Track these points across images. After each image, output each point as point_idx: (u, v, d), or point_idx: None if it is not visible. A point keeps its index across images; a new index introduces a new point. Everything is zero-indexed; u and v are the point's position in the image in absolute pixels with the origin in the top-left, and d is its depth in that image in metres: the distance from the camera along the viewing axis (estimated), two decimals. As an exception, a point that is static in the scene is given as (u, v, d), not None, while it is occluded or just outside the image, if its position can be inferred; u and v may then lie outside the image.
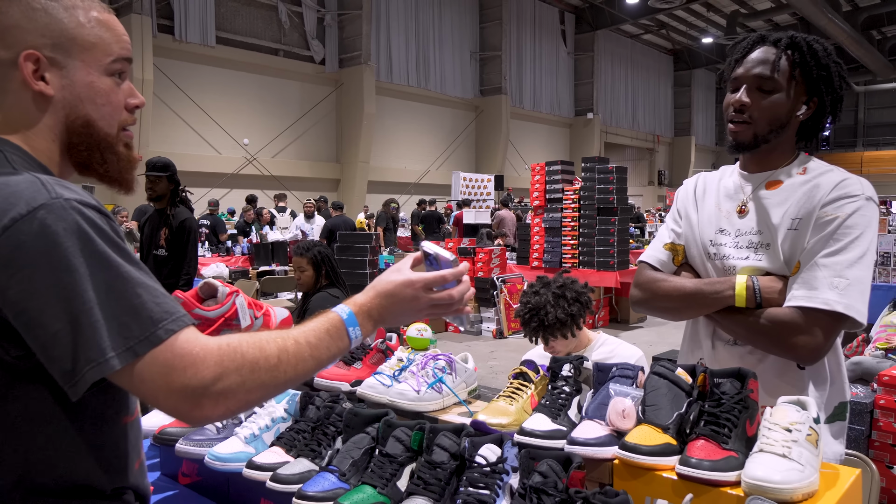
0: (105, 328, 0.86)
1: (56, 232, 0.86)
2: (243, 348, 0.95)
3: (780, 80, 1.58)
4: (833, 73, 1.60)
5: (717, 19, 26.85)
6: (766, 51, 1.61)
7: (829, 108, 1.62)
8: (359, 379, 1.83)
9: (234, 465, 1.58)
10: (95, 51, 1.03)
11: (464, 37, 23.26)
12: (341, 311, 1.09)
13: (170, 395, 0.89)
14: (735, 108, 1.62)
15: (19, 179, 0.90)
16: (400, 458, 1.39)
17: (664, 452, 1.26)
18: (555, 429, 1.41)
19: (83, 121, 1.03)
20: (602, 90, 28.41)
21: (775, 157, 1.67)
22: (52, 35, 0.99)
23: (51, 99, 1.01)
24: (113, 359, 0.86)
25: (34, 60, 0.98)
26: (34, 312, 0.85)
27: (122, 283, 0.89)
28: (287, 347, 0.99)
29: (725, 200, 1.73)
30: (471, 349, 7.87)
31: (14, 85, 0.99)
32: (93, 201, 0.93)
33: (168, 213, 4.72)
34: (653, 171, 33.07)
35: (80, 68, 1.02)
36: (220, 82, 16.92)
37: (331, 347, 1.06)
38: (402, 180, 21.42)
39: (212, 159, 16.63)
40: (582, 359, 1.58)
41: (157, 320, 0.90)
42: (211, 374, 0.90)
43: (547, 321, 2.42)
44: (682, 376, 1.39)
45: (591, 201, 9.15)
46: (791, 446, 1.18)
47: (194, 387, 0.89)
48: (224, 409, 0.92)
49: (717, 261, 1.70)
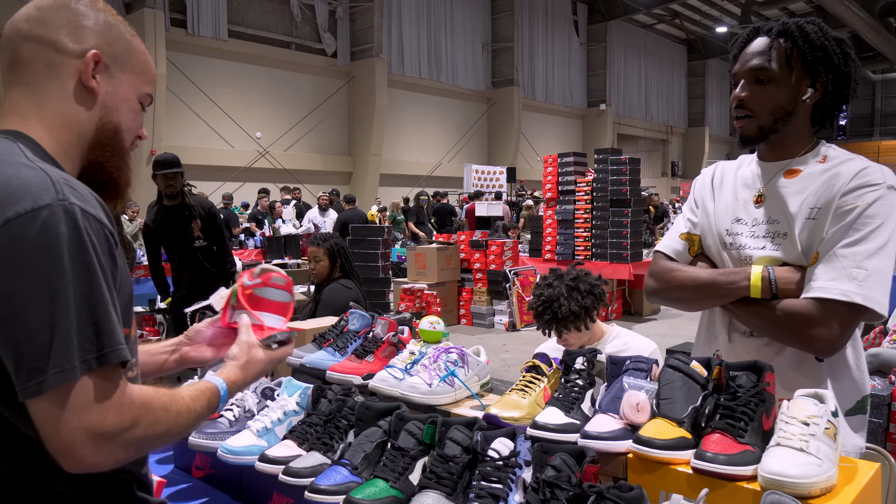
0: (77, 338, 0.89)
1: (56, 234, 0.89)
2: (155, 406, 1.00)
3: (776, 69, 1.56)
4: (831, 51, 1.56)
5: (732, 8, 26.56)
6: (759, 42, 1.59)
7: (833, 87, 1.58)
8: (371, 372, 1.82)
9: (247, 458, 1.58)
10: (141, 77, 1.16)
11: (475, 28, 23.16)
12: (220, 386, 1.17)
13: (77, 430, 0.89)
14: (736, 104, 1.61)
15: (30, 174, 0.93)
16: (412, 452, 1.38)
17: (679, 446, 1.25)
18: (568, 422, 1.40)
19: (114, 126, 1.12)
20: (615, 81, 28.22)
21: (791, 144, 1.63)
22: (116, 48, 1.11)
23: (96, 98, 1.09)
24: (78, 367, 0.88)
25: (97, 60, 1.08)
26: (17, 308, 0.87)
27: (97, 298, 0.92)
28: (182, 411, 1.05)
29: (742, 189, 1.70)
30: (483, 342, 7.87)
31: (66, 73, 1.06)
32: (93, 209, 0.95)
33: (192, 205, 4.85)
34: (666, 163, 32.84)
35: (125, 84, 1.14)
36: (232, 76, 16.96)
37: (205, 414, 1.13)
38: (414, 173, 21.41)
39: (224, 153, 16.69)
40: (595, 352, 1.56)
41: (113, 342, 0.93)
42: (128, 421, 0.94)
43: (560, 314, 2.40)
44: (696, 369, 1.37)
45: (604, 193, 9.09)
46: (809, 440, 1.16)
47: (106, 431, 0.91)
48: (115, 460, 0.94)
49: (733, 250, 1.67)
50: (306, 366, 1.93)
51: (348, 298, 3.72)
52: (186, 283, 4.88)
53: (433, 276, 8.83)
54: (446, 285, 9.01)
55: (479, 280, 9.05)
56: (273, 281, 1.37)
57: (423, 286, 8.54)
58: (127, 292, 1.07)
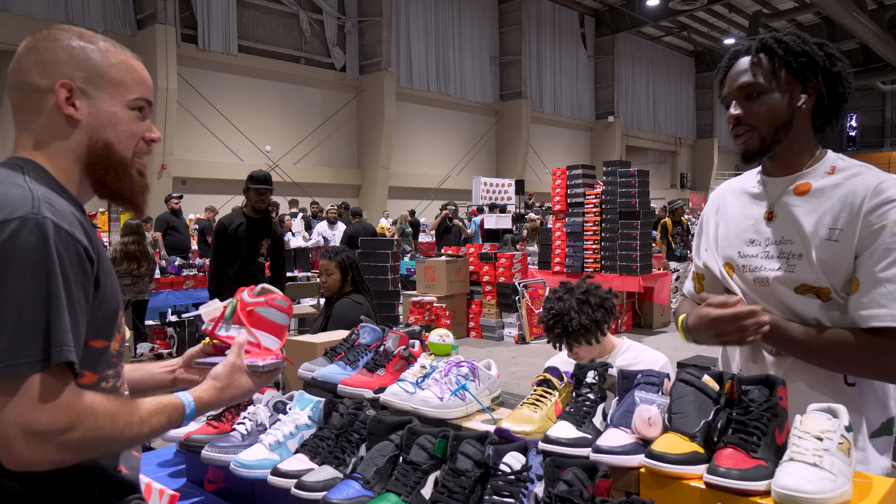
0: (26, 338, 0.94)
1: (20, 242, 0.96)
2: (98, 413, 1.02)
3: (764, 82, 1.56)
4: (813, 54, 1.56)
5: (740, 20, 26.59)
6: (742, 62, 1.60)
7: (826, 88, 1.57)
8: (382, 386, 1.82)
9: (260, 472, 1.59)
10: (120, 87, 1.19)
11: (483, 42, 23.29)
12: (186, 404, 1.20)
13: (11, 425, 0.93)
14: (733, 124, 1.61)
15: (16, 192, 1.02)
16: (424, 466, 1.38)
17: (691, 461, 1.24)
18: (580, 436, 1.40)
19: (104, 143, 1.17)
20: (623, 93, 28.26)
21: (796, 156, 1.61)
22: (86, 69, 1.15)
23: (78, 123, 1.15)
24: (23, 365, 0.94)
25: (68, 89, 1.14)
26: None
27: (55, 304, 0.97)
28: (132, 422, 1.08)
29: (751, 207, 1.69)
30: (492, 355, 7.85)
31: (47, 109, 1.14)
32: (67, 225, 1.02)
33: (271, 225, 5.23)
34: (675, 174, 32.79)
35: (106, 100, 1.18)
36: (242, 90, 17.11)
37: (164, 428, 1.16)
38: (422, 185, 21.47)
39: (234, 166, 16.80)
40: (606, 366, 1.56)
41: (59, 343, 0.97)
42: (63, 423, 0.97)
43: (571, 327, 2.40)
44: (708, 383, 1.37)
45: (613, 205, 9.09)
46: (822, 455, 1.16)
47: (40, 430, 0.94)
48: (51, 461, 0.97)
49: (746, 272, 1.65)
50: (318, 379, 1.94)
51: (359, 314, 3.72)
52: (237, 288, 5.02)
53: (442, 288, 8.84)
54: (456, 298, 9.01)
55: (489, 293, 9.05)
56: (276, 303, 1.39)
57: (433, 299, 8.55)
58: (111, 307, 1.13)
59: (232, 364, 1.29)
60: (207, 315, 1.40)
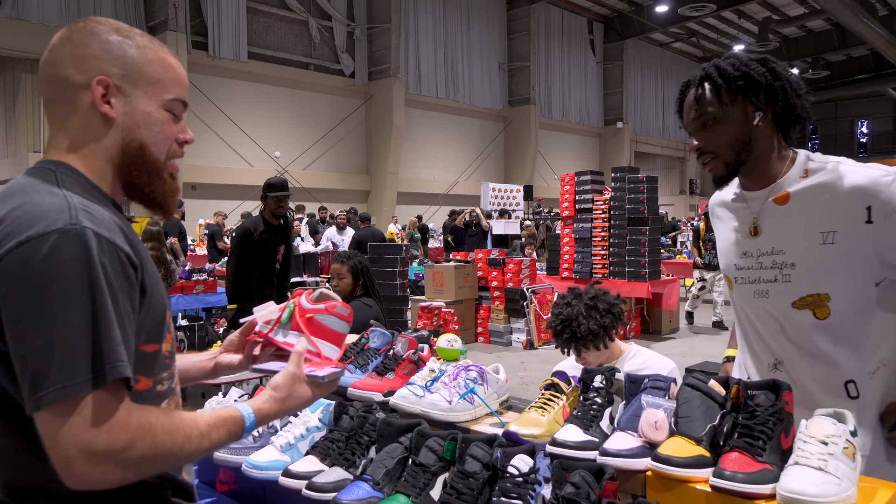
0: (79, 356, 0.91)
1: (62, 256, 0.93)
2: (156, 429, 0.99)
3: (713, 109, 1.58)
4: (752, 73, 1.56)
5: (749, 26, 26.54)
6: (690, 95, 1.63)
7: (769, 103, 1.57)
8: (391, 389, 1.85)
9: (271, 473, 1.61)
10: (157, 86, 1.14)
11: (492, 48, 23.35)
12: (246, 416, 1.15)
13: (71, 447, 0.91)
14: (697, 155, 1.65)
15: (52, 201, 0.98)
16: (433, 468, 1.40)
17: (697, 464, 1.26)
18: (587, 440, 1.41)
19: (138, 144, 1.13)
20: (631, 99, 28.24)
21: (767, 169, 1.62)
22: (123, 66, 1.11)
23: (113, 121, 1.11)
24: (79, 385, 0.91)
25: (104, 86, 1.09)
26: (22, 325, 0.91)
27: (104, 317, 0.94)
28: (191, 437, 1.04)
29: (738, 221, 1.71)
30: (501, 360, 7.85)
31: (82, 106, 1.09)
32: (107, 233, 0.98)
33: (289, 231, 5.31)
34: (684, 180, 32.71)
35: (142, 98, 1.13)
36: (252, 96, 17.23)
37: (223, 442, 1.12)
38: (431, 191, 21.51)
39: (244, 172, 16.90)
40: (614, 370, 1.58)
41: (113, 359, 0.94)
42: (121, 442, 0.94)
43: (579, 332, 2.41)
44: (715, 388, 1.38)
45: (622, 211, 9.09)
46: (827, 459, 1.17)
47: (99, 450, 0.92)
48: (113, 480, 0.95)
49: (746, 285, 1.69)
50: (328, 383, 1.96)
51: (369, 317, 3.75)
52: (258, 295, 5.11)
53: (451, 293, 8.86)
54: (464, 303, 9.02)
55: (497, 298, 9.06)
56: (336, 310, 1.35)
57: (441, 304, 8.56)
58: (159, 310, 1.10)
59: (292, 374, 1.23)
60: (262, 317, 1.37)
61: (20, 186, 1.04)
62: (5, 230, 0.95)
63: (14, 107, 14.54)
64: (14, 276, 0.92)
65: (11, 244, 0.93)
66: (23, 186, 1.03)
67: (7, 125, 15.01)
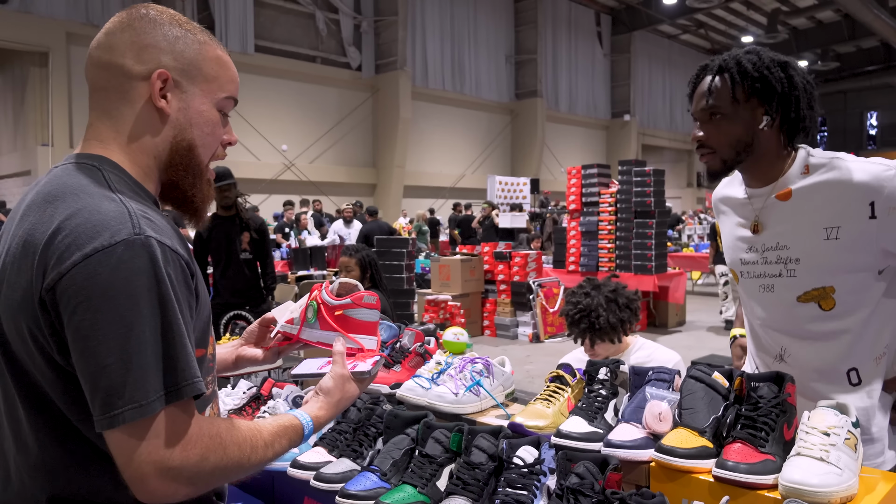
0: (153, 372, 0.90)
1: (130, 269, 0.90)
2: (226, 442, 0.99)
3: (723, 105, 1.57)
4: (772, 78, 1.55)
5: (758, 17, 26.34)
6: (706, 81, 1.61)
7: (783, 110, 1.56)
8: (398, 381, 1.87)
9: (279, 464, 1.63)
10: (214, 84, 1.11)
11: (499, 40, 23.27)
12: (305, 424, 1.16)
13: (146, 464, 0.91)
14: (697, 145, 1.64)
15: (110, 208, 0.95)
16: (439, 459, 1.42)
17: (701, 455, 1.27)
18: (591, 431, 1.43)
19: (188, 143, 1.10)
20: (639, 91, 28.12)
21: (768, 167, 1.62)
22: (183, 61, 1.08)
23: (167, 117, 1.08)
24: (154, 402, 0.90)
25: (163, 80, 1.06)
26: (92, 342, 0.89)
27: (175, 331, 0.93)
28: (257, 448, 1.04)
29: (742, 216, 1.72)
30: (507, 353, 7.87)
31: (137, 98, 1.06)
32: (169, 241, 0.97)
33: (245, 218, 5.00)
34: (691, 173, 32.57)
35: (198, 96, 1.10)
36: (258, 90, 17.23)
37: (284, 451, 1.12)
38: (437, 184, 21.51)
39: (251, 165, 16.94)
40: (618, 362, 1.59)
41: (188, 375, 0.94)
42: (196, 457, 0.94)
43: (598, 324, 2.42)
44: (718, 380, 1.39)
45: (629, 204, 9.08)
46: (829, 450, 1.19)
47: (174, 466, 0.92)
48: (185, 494, 0.95)
49: (751, 279, 1.70)
50: (335, 375, 1.98)
51: (376, 310, 3.77)
52: (227, 292, 4.99)
53: (457, 287, 8.87)
54: (470, 296, 9.04)
55: (503, 291, 9.07)
56: (365, 301, 1.34)
57: (448, 297, 8.58)
58: (206, 314, 1.10)
59: (340, 376, 1.23)
60: (282, 317, 1.37)
61: (69, 188, 0.99)
62: (66, 241, 0.92)
63: (23, 100, 14.59)
64: (82, 290, 0.89)
65: (76, 257, 0.90)
66: (72, 188, 0.99)
67: (16, 118, 15.07)
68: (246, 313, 4.61)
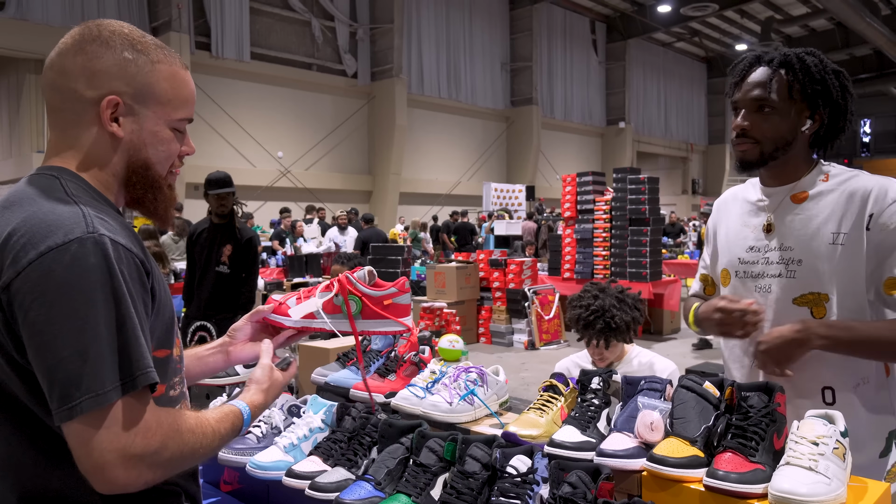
0: (108, 363, 0.93)
1: (84, 265, 0.93)
2: (182, 429, 1.03)
3: (777, 100, 1.60)
4: (830, 85, 1.59)
5: (752, 26, 26.51)
6: (761, 72, 1.63)
7: (828, 119, 1.61)
8: (393, 391, 1.88)
9: (275, 473, 1.64)
10: (167, 106, 1.13)
11: (494, 48, 23.35)
12: (243, 409, 1.19)
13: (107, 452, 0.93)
14: (738, 133, 1.65)
15: (65, 210, 0.98)
16: (433, 468, 1.43)
17: (692, 464, 1.28)
18: (584, 440, 1.44)
19: (143, 163, 1.13)
20: (634, 99, 28.23)
21: (792, 170, 1.67)
22: (135, 85, 1.09)
23: (120, 140, 1.10)
24: (111, 392, 0.93)
25: (114, 105, 1.08)
26: (48, 336, 0.92)
27: (129, 325, 0.96)
28: (207, 434, 1.08)
29: (750, 216, 1.74)
30: (502, 361, 7.88)
31: (89, 120, 1.08)
32: (123, 240, 1.00)
33: (236, 229, 4.72)
34: (686, 180, 32.69)
35: (151, 118, 1.12)
36: (254, 97, 17.25)
37: (229, 437, 1.16)
38: (433, 191, 21.53)
39: (246, 172, 16.92)
40: (611, 372, 1.61)
41: (142, 366, 0.97)
42: (156, 443, 0.97)
43: (614, 324, 2.44)
44: (709, 390, 1.41)
45: (623, 212, 9.11)
46: (818, 459, 1.20)
47: (135, 453, 0.95)
48: (145, 481, 0.97)
49: (747, 279, 1.72)
50: (330, 384, 2.00)
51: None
52: (201, 301, 4.76)
53: (452, 294, 8.89)
54: (465, 304, 9.05)
55: (499, 299, 9.09)
56: (406, 286, 1.48)
57: (443, 305, 8.59)
58: (168, 315, 1.12)
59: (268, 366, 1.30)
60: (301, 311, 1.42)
61: (25, 194, 1.03)
62: (21, 241, 0.95)
63: (18, 107, 14.59)
64: (37, 287, 0.92)
65: (31, 255, 0.93)
66: (28, 194, 1.02)
67: (11, 126, 15.06)
68: (210, 325, 4.47)
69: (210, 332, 4.38)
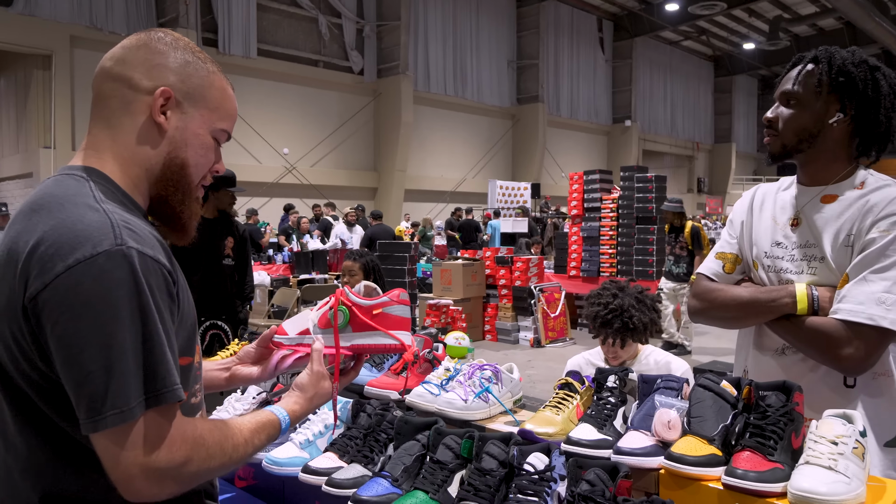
0: (134, 379, 0.93)
1: (111, 279, 0.93)
2: (208, 442, 1.03)
3: (802, 93, 1.63)
4: (857, 77, 1.59)
5: (760, 24, 26.41)
6: (797, 69, 1.67)
7: (857, 112, 1.60)
8: (407, 388, 1.88)
9: (290, 469, 1.65)
10: (214, 113, 1.17)
11: (501, 46, 23.33)
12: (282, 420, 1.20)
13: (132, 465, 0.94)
14: (765, 125, 1.70)
15: (93, 219, 0.97)
16: (450, 465, 1.43)
17: (710, 463, 1.29)
18: (601, 438, 1.45)
19: (181, 161, 1.15)
20: (640, 97, 28.18)
21: (823, 168, 1.67)
22: (189, 84, 1.13)
23: (165, 133, 1.12)
24: (135, 408, 0.93)
25: (166, 97, 1.11)
26: (75, 350, 0.92)
27: (155, 340, 0.96)
28: (238, 445, 1.09)
29: (781, 212, 1.75)
30: (508, 358, 7.86)
31: (137, 110, 1.11)
32: (150, 250, 0.99)
33: (232, 221, 4.83)
34: (692, 179, 32.64)
35: (197, 119, 1.15)
36: (261, 93, 17.27)
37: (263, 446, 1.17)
38: (438, 189, 21.53)
39: (252, 168, 16.95)
40: (627, 371, 1.61)
41: (168, 383, 0.97)
42: (180, 458, 0.98)
43: (632, 324, 2.44)
44: (727, 388, 1.41)
45: (630, 210, 9.11)
46: (837, 459, 1.20)
47: (159, 467, 0.96)
48: (170, 493, 0.99)
49: (772, 273, 1.73)
50: (344, 380, 2.00)
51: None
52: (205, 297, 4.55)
53: (458, 291, 8.89)
54: (471, 301, 9.05)
55: (505, 296, 9.09)
56: (402, 297, 1.38)
57: (449, 302, 8.60)
58: (190, 323, 1.12)
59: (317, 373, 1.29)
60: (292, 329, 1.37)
61: (54, 198, 1.02)
62: (49, 251, 0.94)
63: (25, 103, 14.63)
64: (65, 301, 0.92)
65: (59, 268, 0.93)
66: (57, 198, 1.02)
67: (18, 121, 15.10)
68: (222, 323, 4.45)
69: (224, 330, 4.38)
